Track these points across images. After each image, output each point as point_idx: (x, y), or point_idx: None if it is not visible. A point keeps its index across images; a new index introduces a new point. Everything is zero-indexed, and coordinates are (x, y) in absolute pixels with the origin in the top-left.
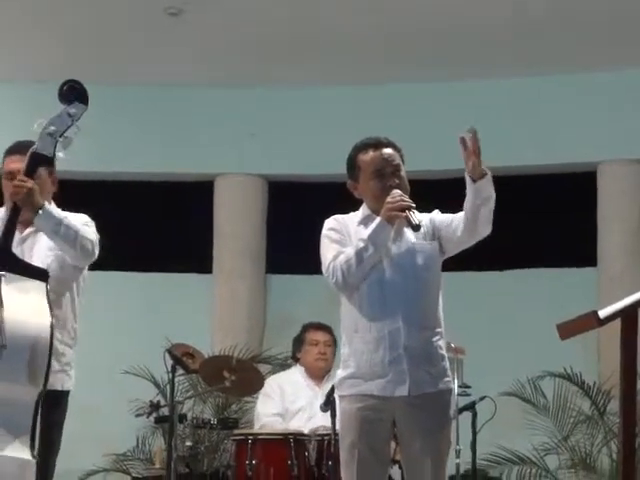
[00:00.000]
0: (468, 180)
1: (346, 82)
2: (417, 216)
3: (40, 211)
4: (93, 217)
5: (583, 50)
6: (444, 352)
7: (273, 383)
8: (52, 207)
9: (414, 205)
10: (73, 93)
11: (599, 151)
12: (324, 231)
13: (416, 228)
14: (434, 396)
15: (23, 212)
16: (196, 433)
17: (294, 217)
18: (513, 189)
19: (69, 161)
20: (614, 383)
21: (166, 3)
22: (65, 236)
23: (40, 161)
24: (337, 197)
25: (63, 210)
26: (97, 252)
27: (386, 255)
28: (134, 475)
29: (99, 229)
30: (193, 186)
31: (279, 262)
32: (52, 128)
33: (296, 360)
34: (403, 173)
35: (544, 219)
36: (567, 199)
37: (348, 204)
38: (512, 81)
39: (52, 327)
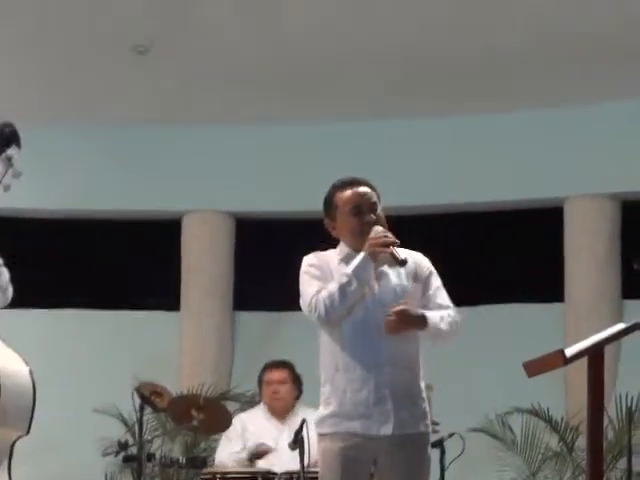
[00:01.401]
0: None
1: (314, 120)
2: (401, 252)
3: None
4: (60, 256)
5: (550, 86)
6: (424, 394)
7: (236, 423)
8: None
9: (398, 242)
10: (9, 136)
11: (566, 186)
12: (304, 267)
13: (402, 263)
14: (415, 437)
15: None
16: (165, 472)
17: (262, 254)
18: (482, 225)
19: (34, 199)
20: (582, 418)
21: (134, 41)
22: (1, 282)
23: None
24: (305, 234)
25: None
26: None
27: (369, 293)
28: None
29: (67, 267)
30: (161, 223)
31: (247, 299)
32: None
33: (260, 399)
34: (380, 211)
35: (512, 254)
36: (534, 234)
37: (316, 241)
38: (479, 117)
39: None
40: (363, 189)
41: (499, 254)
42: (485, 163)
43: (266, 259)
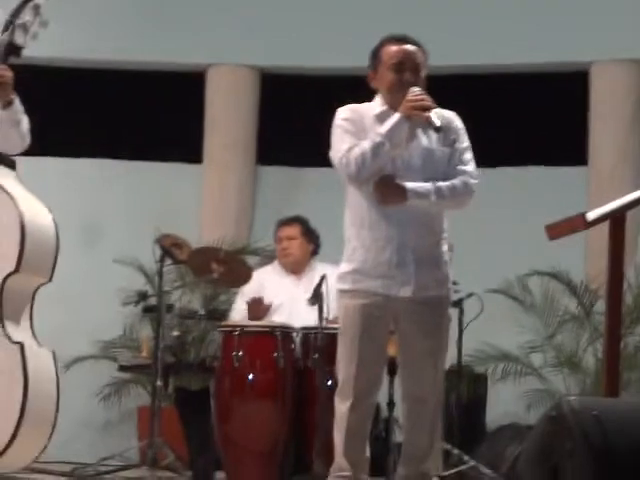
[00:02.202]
0: None
1: None
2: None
3: (11, 103)
4: (85, 106)
5: None
6: (447, 258)
7: (254, 278)
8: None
9: (435, 106)
10: None
11: (592, 51)
12: (337, 120)
13: (438, 130)
14: (436, 300)
15: None
16: (184, 323)
17: (287, 109)
18: (505, 88)
19: (59, 49)
20: (601, 282)
21: None
22: (22, 127)
23: (13, 51)
24: (332, 90)
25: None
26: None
27: (399, 154)
28: (121, 363)
29: (90, 118)
30: (185, 76)
31: (270, 154)
32: (26, 19)
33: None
34: (422, 75)
35: (534, 117)
36: (560, 98)
37: (343, 98)
38: None
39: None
40: (410, 47)
41: (523, 117)
42: (512, 25)
43: (291, 114)
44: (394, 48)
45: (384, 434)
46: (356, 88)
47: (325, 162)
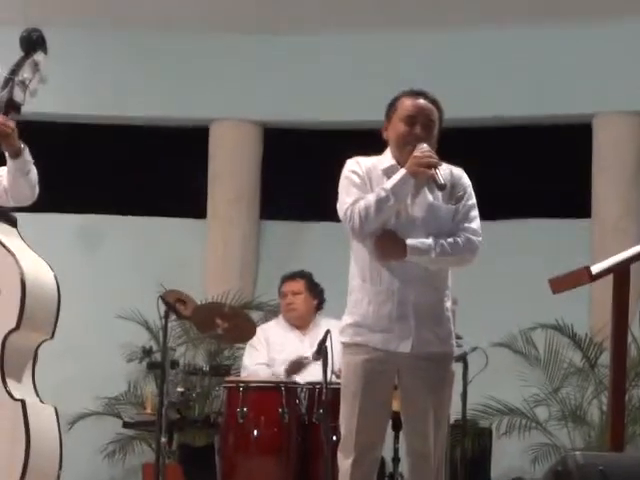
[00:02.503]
0: None
1: (346, 30)
2: (442, 169)
3: (19, 153)
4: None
5: (579, 1)
6: (450, 314)
7: (260, 333)
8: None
9: (441, 163)
10: (36, 41)
11: (595, 103)
12: (345, 172)
13: (441, 187)
14: (439, 356)
15: None
16: (188, 379)
17: (289, 164)
18: (509, 140)
19: (65, 104)
20: (606, 335)
21: None
22: (31, 178)
23: (12, 109)
24: (333, 144)
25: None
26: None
27: (403, 209)
28: (125, 419)
29: (94, 173)
30: (189, 131)
31: (273, 209)
32: (24, 76)
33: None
34: (434, 132)
35: (539, 170)
36: (563, 151)
37: (344, 151)
38: (509, 31)
39: (56, 277)
40: (425, 103)
41: (527, 169)
42: (515, 77)
43: (294, 169)
44: (410, 101)
45: None
46: (358, 142)
47: (328, 216)
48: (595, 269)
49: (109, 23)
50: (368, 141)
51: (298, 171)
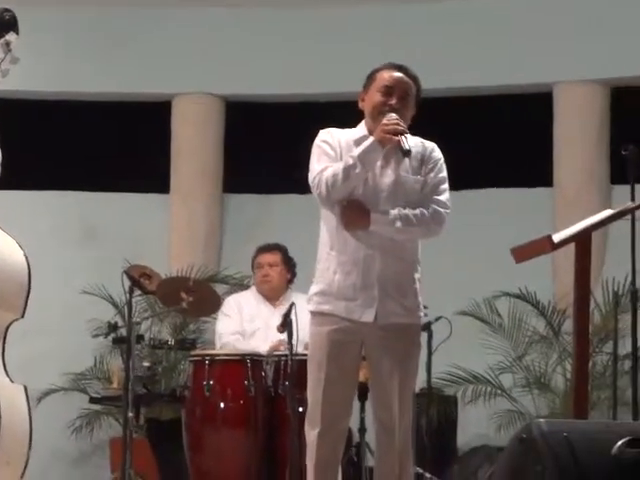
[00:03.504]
0: None
1: (308, 2)
2: (409, 142)
3: None
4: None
5: None
6: (418, 286)
7: (232, 302)
8: None
9: (408, 132)
10: (8, 21)
11: (555, 71)
12: (317, 141)
13: (406, 153)
14: (404, 327)
15: None
16: (154, 354)
17: (252, 137)
18: (470, 110)
19: (28, 81)
20: (569, 302)
21: None
22: None
23: None
24: (297, 118)
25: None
26: None
27: (370, 178)
28: (92, 395)
29: (57, 150)
30: (151, 106)
31: (237, 182)
32: None
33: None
34: (410, 105)
35: (500, 139)
36: (524, 120)
37: (308, 125)
38: (468, 1)
39: (26, 257)
40: (404, 76)
41: (488, 139)
42: (475, 47)
43: (256, 142)
44: (389, 73)
45: (356, 459)
46: (321, 114)
47: (292, 188)
48: (557, 238)
49: None
50: (331, 113)
51: (261, 144)
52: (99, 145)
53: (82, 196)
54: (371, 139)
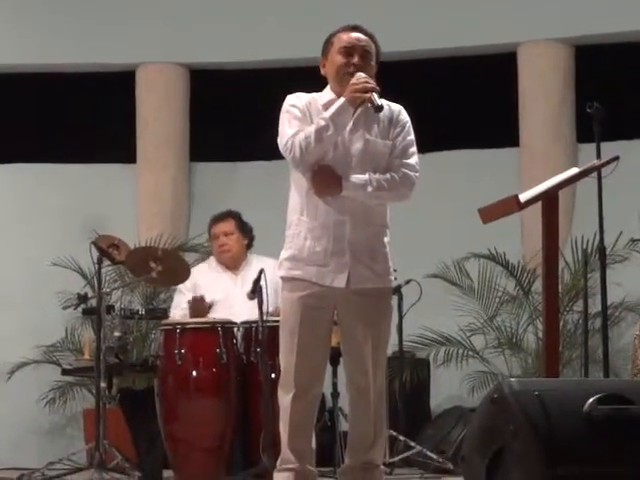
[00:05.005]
0: None
1: None
2: (380, 100)
3: None
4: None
5: None
6: (388, 250)
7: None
8: None
9: (378, 89)
10: None
11: (519, 31)
12: (286, 106)
13: (378, 109)
14: (375, 292)
15: None
16: (125, 324)
17: (217, 105)
18: (434, 72)
19: None
20: (538, 262)
21: None
22: None
23: None
24: (262, 85)
25: None
26: None
27: (340, 142)
28: (64, 366)
29: (20, 122)
30: (115, 76)
31: (203, 150)
32: None
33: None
34: (372, 63)
35: (465, 101)
36: (488, 81)
37: (273, 92)
38: None
39: None
40: (361, 35)
41: (453, 100)
42: (439, 8)
43: (222, 110)
44: (346, 35)
45: (330, 424)
46: (285, 81)
47: (258, 155)
48: (523, 197)
49: None
50: (296, 79)
51: (226, 112)
52: (64, 116)
53: (49, 168)
54: (341, 100)
